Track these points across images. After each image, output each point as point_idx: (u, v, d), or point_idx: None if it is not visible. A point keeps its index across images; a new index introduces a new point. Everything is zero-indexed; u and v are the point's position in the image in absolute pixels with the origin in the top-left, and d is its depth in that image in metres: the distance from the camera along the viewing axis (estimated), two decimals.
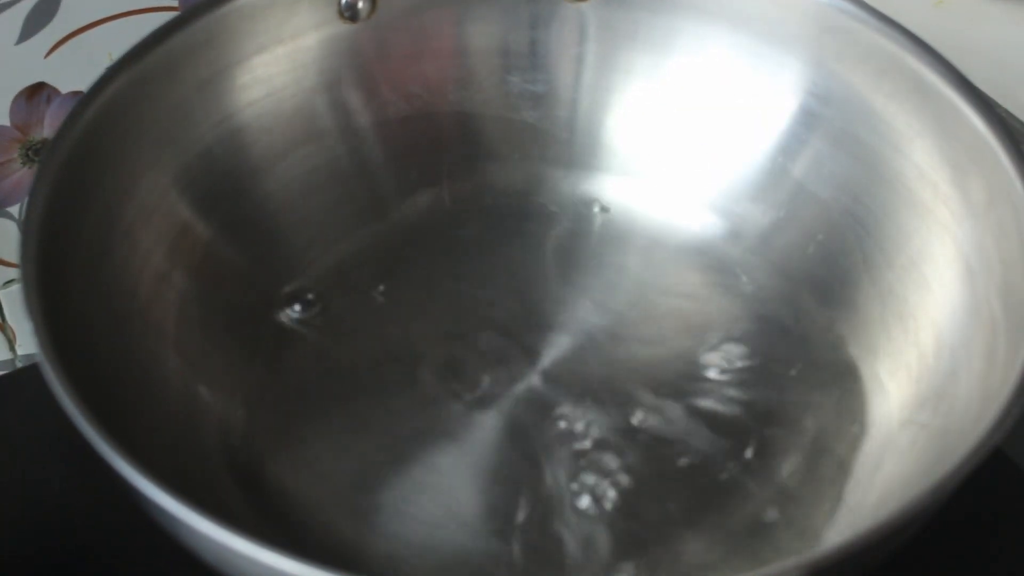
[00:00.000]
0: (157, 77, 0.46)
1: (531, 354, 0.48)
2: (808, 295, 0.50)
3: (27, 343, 0.56)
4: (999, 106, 0.55)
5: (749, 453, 0.45)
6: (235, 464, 0.45)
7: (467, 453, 0.45)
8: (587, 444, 0.45)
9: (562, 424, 0.46)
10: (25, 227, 0.40)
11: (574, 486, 0.44)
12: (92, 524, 0.46)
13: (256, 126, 0.50)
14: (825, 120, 0.50)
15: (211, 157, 0.49)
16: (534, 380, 0.47)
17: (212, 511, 0.33)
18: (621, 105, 0.53)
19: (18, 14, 0.50)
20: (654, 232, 0.52)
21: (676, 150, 0.53)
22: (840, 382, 0.47)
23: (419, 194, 0.53)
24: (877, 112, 0.48)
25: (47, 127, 0.54)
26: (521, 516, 0.43)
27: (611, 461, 0.45)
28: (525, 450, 0.45)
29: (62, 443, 0.45)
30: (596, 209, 0.53)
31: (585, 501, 0.44)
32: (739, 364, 0.48)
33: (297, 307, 0.50)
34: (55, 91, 0.53)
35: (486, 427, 0.46)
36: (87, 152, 0.43)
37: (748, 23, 0.50)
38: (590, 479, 0.45)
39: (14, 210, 0.55)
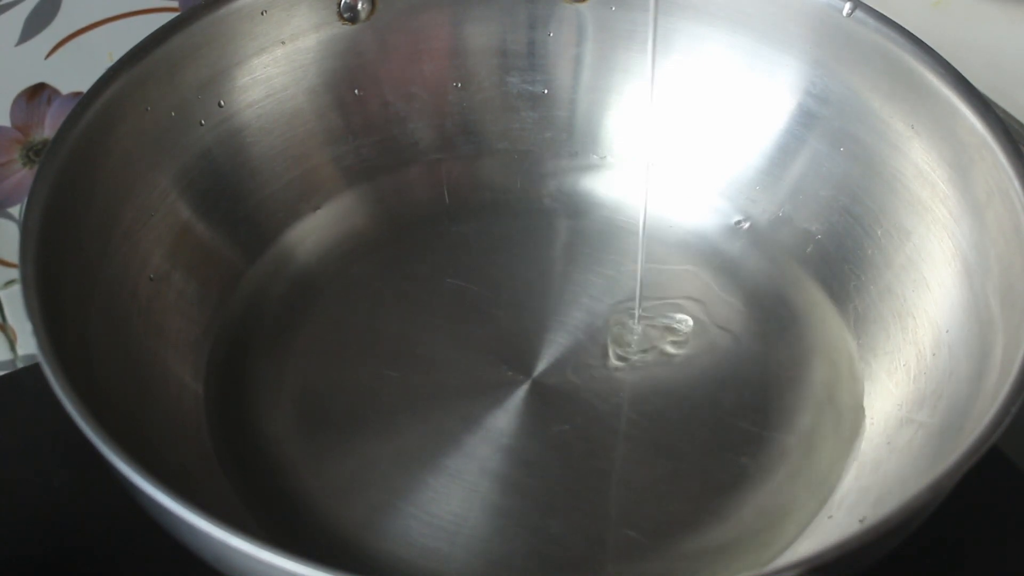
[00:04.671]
0: (157, 78, 0.46)
1: (531, 353, 0.48)
2: (806, 294, 0.50)
3: (28, 343, 0.56)
4: (997, 106, 0.55)
5: (748, 453, 0.45)
6: (234, 463, 0.45)
7: (467, 454, 0.45)
8: (587, 444, 0.45)
9: (562, 423, 0.46)
10: (25, 227, 0.40)
11: (573, 487, 0.44)
12: (92, 524, 0.46)
13: (256, 127, 0.50)
14: (823, 119, 0.50)
15: (211, 158, 0.49)
16: (533, 379, 0.47)
17: (211, 509, 0.33)
18: (619, 105, 0.53)
19: (19, 15, 0.50)
20: (653, 230, 0.52)
21: (674, 149, 0.53)
22: (838, 381, 0.47)
23: (419, 192, 0.53)
24: (875, 111, 0.48)
25: (48, 128, 0.54)
26: (523, 516, 0.44)
27: (611, 462, 0.45)
28: (526, 450, 0.45)
29: (62, 443, 0.46)
30: (596, 207, 0.54)
31: (585, 502, 0.44)
32: (737, 363, 0.48)
33: (298, 306, 0.50)
34: (56, 92, 0.53)
35: (486, 426, 0.46)
36: (87, 153, 0.43)
37: (746, 23, 0.50)
38: (589, 481, 0.45)
39: (15, 210, 0.55)
